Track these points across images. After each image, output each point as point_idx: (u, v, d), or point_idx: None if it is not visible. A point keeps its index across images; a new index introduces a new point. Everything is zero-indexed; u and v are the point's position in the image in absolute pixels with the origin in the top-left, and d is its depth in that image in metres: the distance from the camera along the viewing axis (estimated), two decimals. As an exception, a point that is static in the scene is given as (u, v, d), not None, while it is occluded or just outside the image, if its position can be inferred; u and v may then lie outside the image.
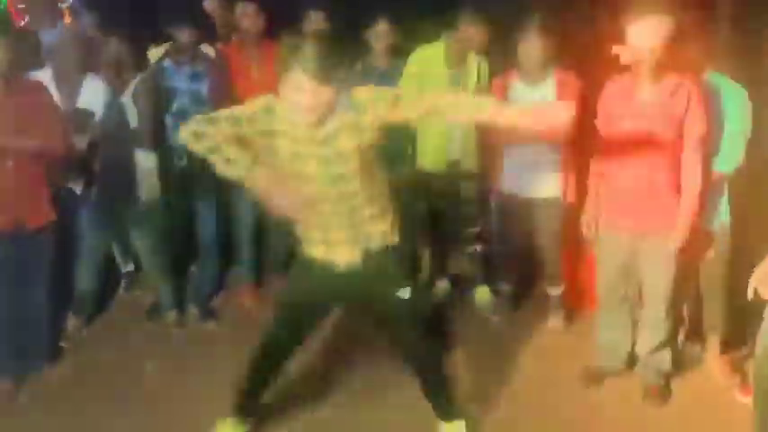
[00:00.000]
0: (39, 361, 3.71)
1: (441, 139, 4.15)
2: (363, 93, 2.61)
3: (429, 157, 4.20)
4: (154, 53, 4.07)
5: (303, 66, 2.44)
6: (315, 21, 4.26)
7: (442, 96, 2.89)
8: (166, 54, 4.03)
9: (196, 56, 4.02)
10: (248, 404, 3.17)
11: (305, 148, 2.62)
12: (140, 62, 4.03)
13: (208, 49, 4.13)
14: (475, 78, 4.08)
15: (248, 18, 4.18)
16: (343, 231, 2.75)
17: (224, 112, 2.64)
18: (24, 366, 3.65)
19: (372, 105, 2.58)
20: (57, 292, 3.78)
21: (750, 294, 2.59)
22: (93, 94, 3.78)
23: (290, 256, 3.25)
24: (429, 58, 4.10)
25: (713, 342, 3.63)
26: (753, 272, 2.59)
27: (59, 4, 5.45)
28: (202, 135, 2.60)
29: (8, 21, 3.88)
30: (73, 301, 4.15)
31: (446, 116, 2.75)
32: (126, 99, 3.86)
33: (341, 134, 2.60)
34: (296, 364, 3.45)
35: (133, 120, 3.89)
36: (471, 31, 3.96)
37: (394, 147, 3.20)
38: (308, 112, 2.52)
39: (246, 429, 3.19)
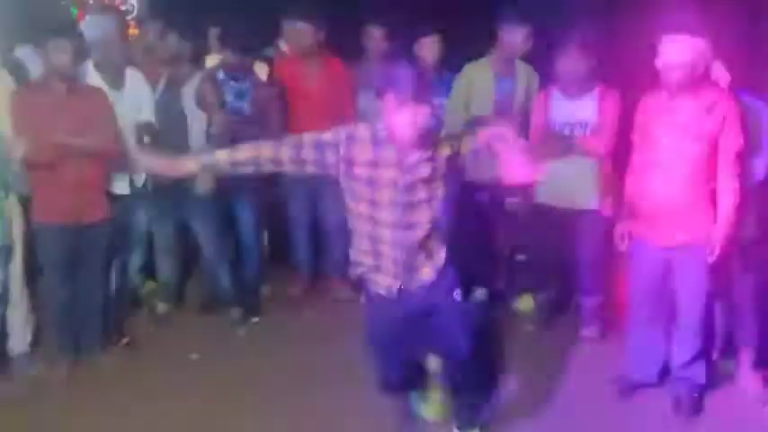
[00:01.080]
0: (94, 347, 3.91)
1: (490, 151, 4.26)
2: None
3: (477, 170, 4.31)
4: (210, 60, 4.26)
5: (402, 88, 2.51)
6: (376, 38, 4.42)
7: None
8: (221, 65, 4.18)
9: (246, 74, 4.13)
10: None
11: (387, 174, 2.65)
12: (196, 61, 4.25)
13: (261, 69, 4.26)
14: (523, 88, 4.18)
15: (297, 33, 4.31)
16: (402, 259, 2.77)
17: (309, 137, 2.68)
18: (80, 351, 3.86)
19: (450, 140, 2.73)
20: (112, 285, 4.01)
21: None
22: (137, 85, 4.02)
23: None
24: (477, 71, 4.27)
25: (746, 357, 3.63)
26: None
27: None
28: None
29: (75, 24, 4.08)
30: (159, 290, 4.45)
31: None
32: (186, 95, 4.05)
33: (424, 162, 2.67)
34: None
35: (192, 116, 4.07)
36: (514, 37, 4.10)
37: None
38: (408, 131, 2.55)
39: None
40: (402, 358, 3.02)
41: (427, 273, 2.84)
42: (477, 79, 4.28)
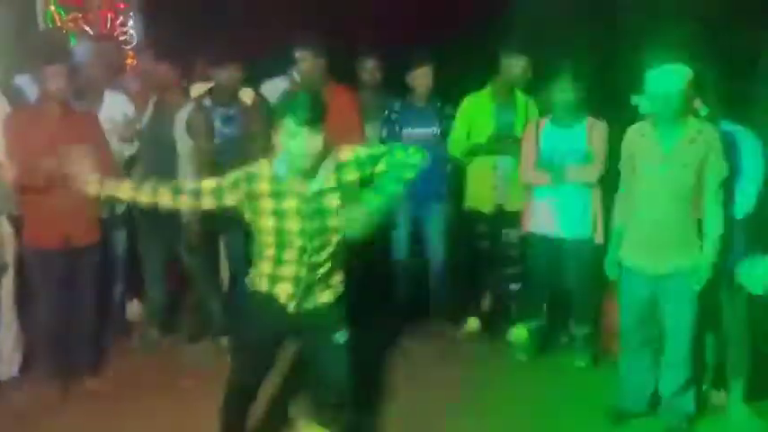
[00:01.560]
0: (83, 368, 3.90)
1: (488, 182, 4.35)
2: (347, 153, 2.70)
3: (476, 199, 4.38)
4: (196, 89, 4.31)
5: (296, 115, 2.55)
6: (370, 69, 4.48)
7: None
8: (208, 92, 4.17)
9: (232, 100, 4.14)
10: None
11: (289, 205, 2.68)
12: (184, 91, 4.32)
13: (246, 95, 4.24)
14: (522, 117, 4.25)
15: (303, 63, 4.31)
16: (304, 277, 2.79)
17: (208, 185, 2.75)
18: (70, 372, 3.84)
19: (357, 166, 2.69)
20: (102, 308, 4.00)
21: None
22: (113, 107, 4.13)
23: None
24: (477, 101, 4.38)
25: (737, 388, 3.61)
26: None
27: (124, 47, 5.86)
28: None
29: (69, 49, 4.14)
30: (148, 310, 4.44)
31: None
32: (177, 122, 4.09)
33: (327, 192, 2.68)
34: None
35: (182, 144, 4.10)
36: (513, 67, 4.20)
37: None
38: (302, 159, 2.60)
39: None
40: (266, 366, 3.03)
41: (326, 296, 2.88)
42: (478, 110, 4.37)
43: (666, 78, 3.15)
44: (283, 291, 2.82)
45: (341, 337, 2.89)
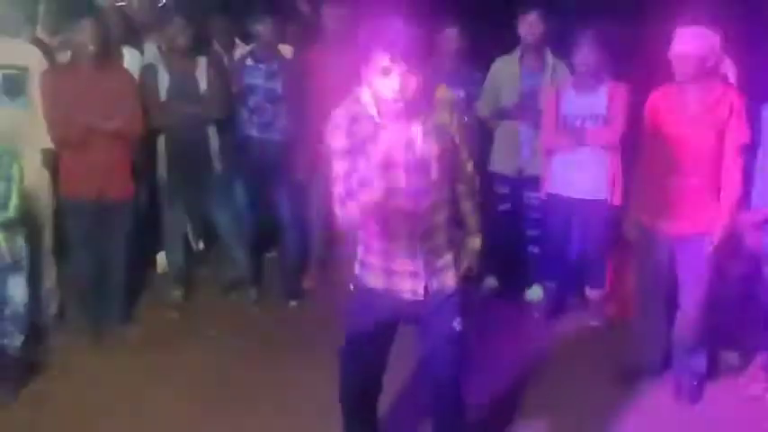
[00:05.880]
0: (116, 318, 4.07)
1: (513, 144, 4.42)
2: (446, 92, 2.42)
3: (500, 162, 4.47)
4: (240, 51, 4.41)
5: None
6: (450, 39, 4.46)
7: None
8: (249, 53, 4.37)
9: (273, 55, 4.32)
10: None
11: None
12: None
13: (285, 50, 4.42)
14: (551, 81, 4.30)
15: (333, 20, 4.33)
16: (409, 260, 2.47)
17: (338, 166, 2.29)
18: (101, 324, 4.01)
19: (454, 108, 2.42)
20: (133, 261, 4.14)
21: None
22: (132, 61, 4.18)
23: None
24: (505, 64, 4.44)
25: (750, 350, 3.70)
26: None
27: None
28: None
29: (98, 6, 4.20)
30: (172, 274, 4.51)
31: None
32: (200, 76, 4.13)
33: (426, 136, 2.25)
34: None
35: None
36: (526, 23, 4.26)
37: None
38: (395, 96, 2.19)
39: None
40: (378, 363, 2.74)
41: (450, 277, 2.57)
42: (506, 72, 4.43)
43: (689, 40, 3.19)
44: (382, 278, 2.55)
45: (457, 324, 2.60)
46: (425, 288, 2.51)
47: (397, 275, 2.51)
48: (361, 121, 2.31)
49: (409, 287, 2.51)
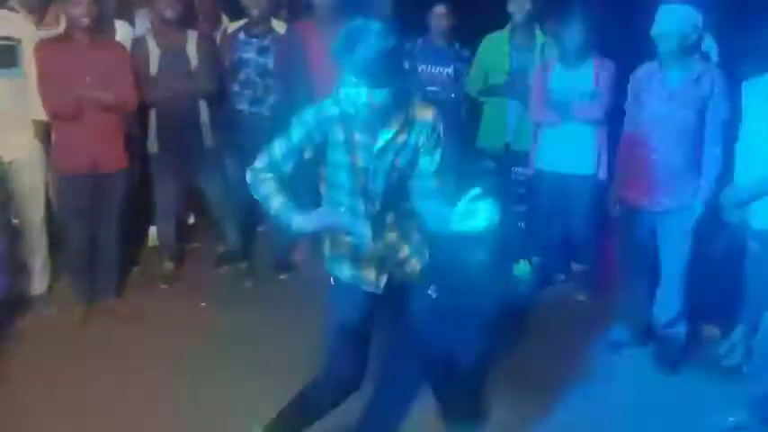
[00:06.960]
0: (108, 291, 4.11)
1: (501, 121, 4.49)
2: (428, 113, 2.47)
3: (488, 138, 4.52)
4: (232, 25, 4.43)
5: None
6: (439, 16, 4.52)
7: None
8: (242, 28, 4.37)
9: (266, 30, 4.34)
10: None
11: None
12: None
13: (278, 25, 4.42)
14: (539, 57, 4.35)
15: None
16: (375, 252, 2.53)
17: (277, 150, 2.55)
18: (95, 294, 4.06)
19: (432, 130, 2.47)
20: (125, 235, 4.16)
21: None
22: (123, 35, 4.18)
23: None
24: (494, 42, 4.49)
25: (730, 323, 3.77)
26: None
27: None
28: (258, 185, 2.56)
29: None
30: (163, 247, 4.53)
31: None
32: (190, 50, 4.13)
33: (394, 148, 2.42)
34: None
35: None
36: (524, 2, 4.30)
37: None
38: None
39: None
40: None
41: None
42: (495, 50, 4.48)
43: (671, 18, 3.26)
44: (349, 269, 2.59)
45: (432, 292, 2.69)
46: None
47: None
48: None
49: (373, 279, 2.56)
